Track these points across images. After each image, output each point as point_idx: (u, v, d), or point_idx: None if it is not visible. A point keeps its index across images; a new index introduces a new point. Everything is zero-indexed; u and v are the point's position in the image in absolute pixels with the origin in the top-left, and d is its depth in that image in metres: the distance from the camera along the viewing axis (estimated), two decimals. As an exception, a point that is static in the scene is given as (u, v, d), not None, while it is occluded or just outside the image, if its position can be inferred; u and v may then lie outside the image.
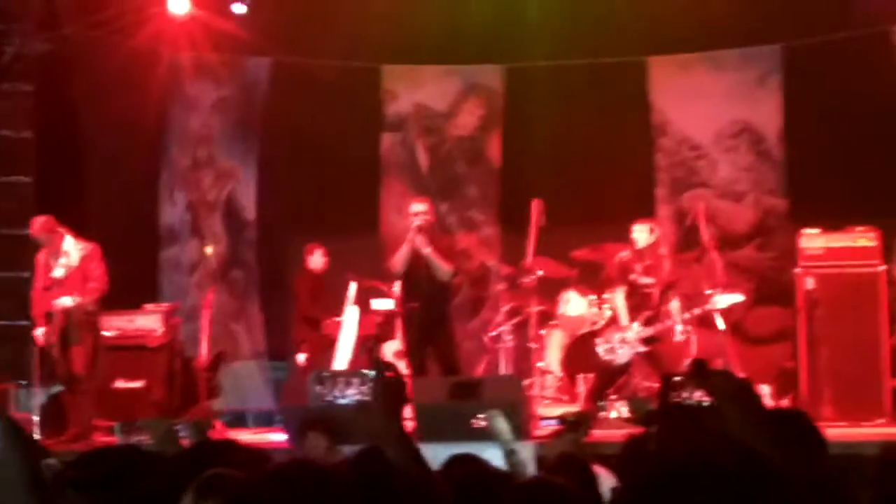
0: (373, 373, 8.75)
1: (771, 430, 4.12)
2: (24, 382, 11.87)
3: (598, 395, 11.23)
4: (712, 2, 12.70)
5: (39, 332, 10.97)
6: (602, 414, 11.07)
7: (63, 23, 13.15)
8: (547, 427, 9.98)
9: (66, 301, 10.79)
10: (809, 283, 11.49)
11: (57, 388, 11.23)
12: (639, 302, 11.24)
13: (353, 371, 10.25)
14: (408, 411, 9.59)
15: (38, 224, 11.01)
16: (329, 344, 12.35)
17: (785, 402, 11.50)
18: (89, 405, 10.97)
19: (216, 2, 13.24)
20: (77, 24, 13.20)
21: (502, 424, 6.13)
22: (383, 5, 13.36)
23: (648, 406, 9.09)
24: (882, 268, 11.28)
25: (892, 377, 11.26)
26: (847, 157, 13.02)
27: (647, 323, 11.11)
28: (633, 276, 11.29)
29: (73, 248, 10.94)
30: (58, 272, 10.90)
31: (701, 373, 4.45)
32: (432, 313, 10.95)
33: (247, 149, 14.52)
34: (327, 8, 13.53)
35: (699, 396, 5.01)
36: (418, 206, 11.15)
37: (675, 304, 11.15)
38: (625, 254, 11.46)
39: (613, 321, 11.46)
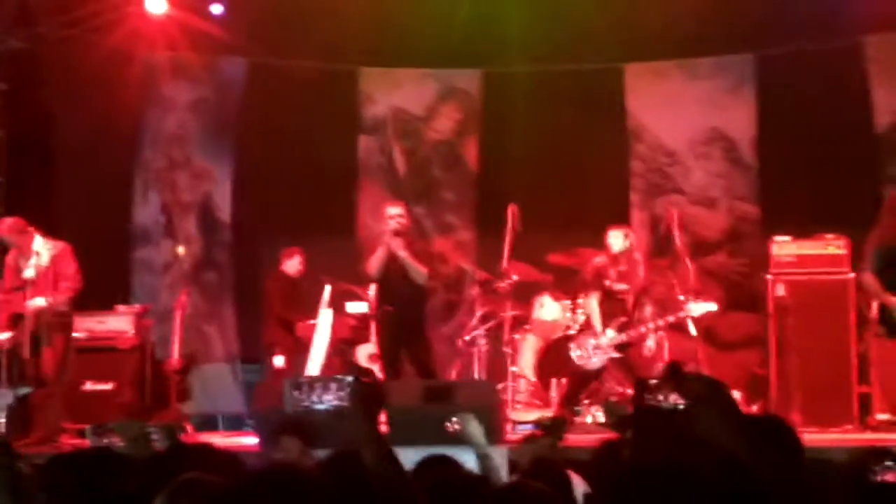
0: (350, 378, 8.76)
1: (747, 435, 4.14)
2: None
3: (571, 399, 11.27)
4: (687, 11, 12.75)
5: (3, 336, 10.81)
6: (577, 419, 11.12)
7: (38, 21, 13.10)
8: (521, 431, 10.01)
9: (39, 301, 10.69)
10: (780, 290, 11.58)
11: (25, 390, 11.08)
12: (613, 307, 11.28)
13: (330, 376, 10.23)
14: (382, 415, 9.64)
15: (7, 225, 10.88)
16: (301, 347, 12.34)
17: (755, 408, 11.57)
18: (58, 407, 10.86)
19: (193, 2, 13.22)
20: (52, 23, 13.15)
21: (475, 428, 6.16)
22: (361, 7, 13.35)
23: (624, 410, 9.11)
24: (851, 275, 11.37)
25: (860, 384, 11.36)
26: (818, 166, 13.13)
27: (621, 329, 11.16)
28: (607, 282, 11.34)
29: (43, 248, 10.79)
30: (28, 273, 10.71)
31: (676, 376, 4.48)
32: (407, 317, 10.98)
33: (223, 150, 14.48)
34: (305, 9, 13.50)
35: (674, 400, 5.04)
36: (393, 210, 11.18)
37: (648, 311, 11.21)
38: (599, 259, 11.50)
39: (587, 326, 11.50)
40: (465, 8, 13.41)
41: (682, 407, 4.84)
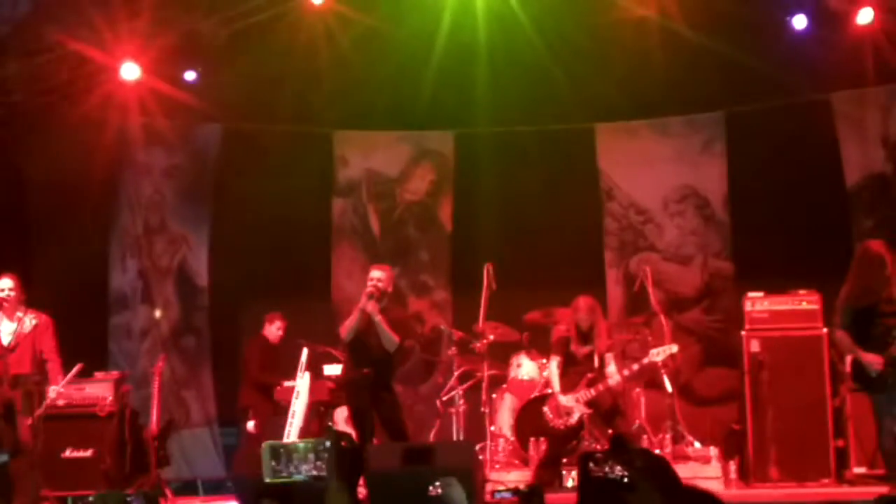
0: (327, 443, 8.78)
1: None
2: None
3: (550, 462, 11.27)
4: (657, 70, 12.90)
5: None
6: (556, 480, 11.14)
7: (11, 89, 13.15)
8: (500, 499, 10.02)
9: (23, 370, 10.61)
10: (755, 346, 11.66)
11: (3, 458, 11.01)
12: (579, 368, 11.34)
13: (307, 442, 10.24)
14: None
15: (14, 283, 10.81)
16: (277, 410, 12.34)
17: (733, 464, 11.60)
18: (37, 475, 10.78)
19: (167, 69, 13.30)
20: (26, 90, 13.21)
21: (458, 492, 6.19)
22: (333, 72, 13.45)
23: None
24: (825, 330, 11.46)
25: (836, 438, 11.42)
26: (790, 221, 13.28)
27: (590, 385, 11.23)
28: (571, 348, 11.40)
29: (26, 318, 10.79)
30: (6, 339, 10.69)
31: (620, 448, 4.55)
32: (378, 378, 10.99)
33: (199, 215, 14.53)
34: (278, 75, 13.60)
35: (618, 472, 5.11)
36: (375, 273, 11.17)
37: (611, 368, 11.26)
38: (562, 327, 11.56)
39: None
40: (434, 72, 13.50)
41: (625, 479, 4.91)
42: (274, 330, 13.06)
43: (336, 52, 13.18)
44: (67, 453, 11.76)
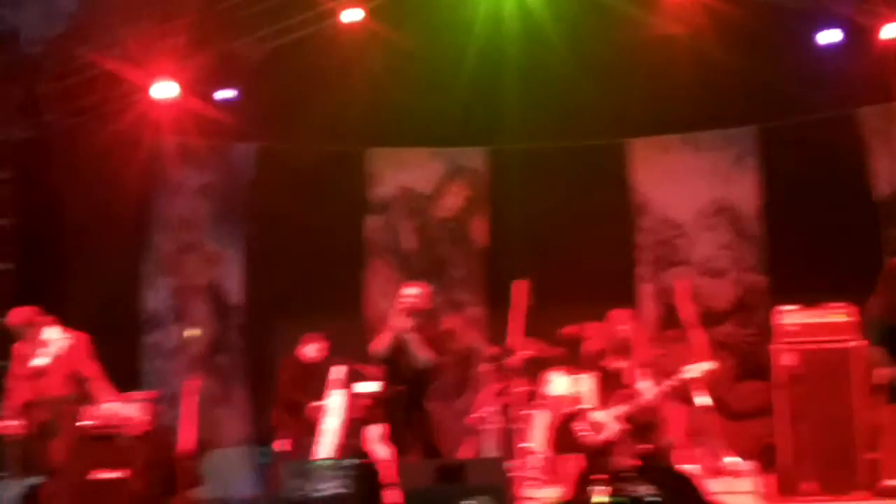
0: (350, 461, 8.78)
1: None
2: (3, 474, 11.72)
3: (584, 478, 11.19)
4: (689, 85, 12.89)
5: (12, 423, 10.71)
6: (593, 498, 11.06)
7: (44, 109, 13.25)
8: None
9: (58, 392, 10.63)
10: (787, 359, 11.57)
11: (35, 480, 10.97)
12: (614, 381, 11.27)
13: (329, 461, 10.23)
14: (393, 495, 9.65)
15: (16, 316, 10.89)
16: (308, 429, 12.33)
17: (767, 478, 11.52)
18: (68, 498, 10.78)
19: (200, 88, 13.37)
20: (59, 111, 13.30)
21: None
22: (366, 90, 13.49)
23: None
24: (858, 343, 11.37)
25: (870, 451, 11.32)
26: (823, 234, 13.21)
27: (624, 400, 11.15)
28: (604, 362, 11.33)
29: (56, 338, 10.83)
30: (39, 361, 10.73)
31: (648, 467, 4.53)
32: (411, 395, 10.96)
33: (232, 233, 14.60)
34: (311, 93, 13.66)
35: (646, 491, 5.09)
36: (408, 290, 11.12)
37: (644, 384, 11.17)
38: (596, 341, 11.50)
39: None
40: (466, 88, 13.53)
41: (654, 499, 4.89)
42: (311, 350, 12.97)
43: (369, 70, 13.24)
44: (98, 475, 11.75)
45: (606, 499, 8.61)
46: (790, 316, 11.71)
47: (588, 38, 13.29)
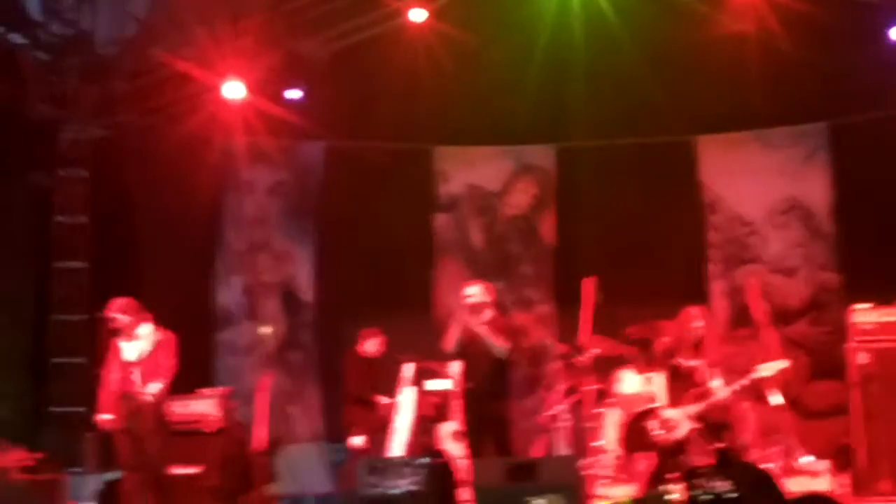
0: (424, 460, 8.79)
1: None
2: (77, 470, 11.82)
3: (658, 476, 11.14)
4: (758, 82, 12.82)
5: (105, 417, 10.63)
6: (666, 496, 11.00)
7: (118, 109, 13.41)
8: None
9: (153, 388, 10.66)
10: (862, 358, 11.48)
11: (113, 475, 11.03)
12: (684, 382, 11.18)
13: (404, 459, 10.24)
14: (465, 493, 9.65)
15: (120, 304, 10.87)
16: (381, 426, 12.36)
17: (844, 477, 11.43)
18: (149, 493, 10.80)
19: (270, 88, 13.45)
20: (132, 111, 13.44)
21: (559, 506, 6.17)
22: (434, 88, 13.52)
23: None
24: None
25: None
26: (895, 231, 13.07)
27: (697, 398, 11.07)
28: (676, 360, 11.23)
29: (149, 334, 10.84)
30: (130, 355, 10.73)
31: (724, 463, 4.50)
32: (487, 393, 10.90)
33: (303, 231, 14.69)
34: (379, 91, 13.73)
35: (724, 488, 5.05)
36: (469, 289, 11.07)
37: (716, 382, 11.08)
38: (668, 339, 11.42)
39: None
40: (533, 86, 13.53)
41: (732, 495, 4.85)
42: (371, 346, 12.96)
43: (436, 68, 13.26)
44: (174, 470, 11.82)
45: (680, 496, 8.57)
46: (865, 314, 11.64)
47: (655, 34, 13.26)
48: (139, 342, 10.78)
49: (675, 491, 10.82)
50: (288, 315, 14.57)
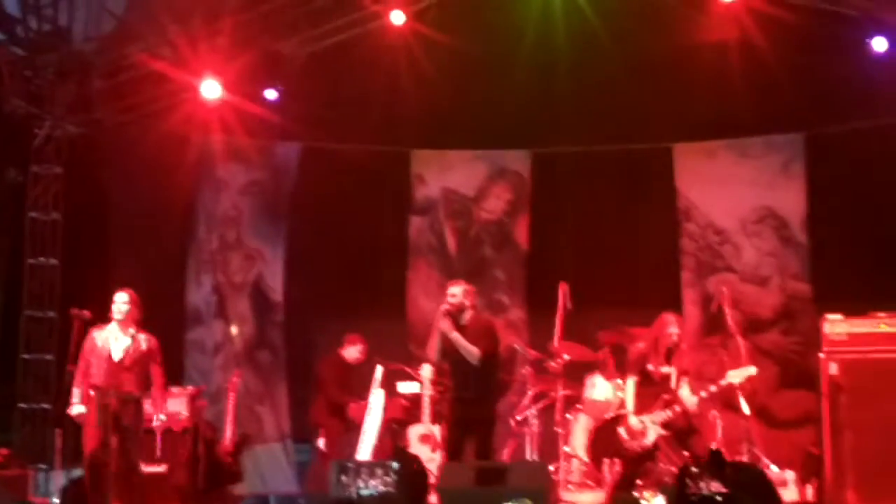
0: (396, 463, 8.77)
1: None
2: (44, 466, 11.78)
3: (626, 483, 11.14)
4: (736, 91, 12.84)
5: (79, 410, 10.49)
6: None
7: (94, 107, 13.38)
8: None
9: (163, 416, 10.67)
10: (833, 369, 11.48)
11: (78, 472, 10.90)
12: (654, 389, 11.18)
13: (376, 461, 10.21)
14: (433, 498, 9.64)
15: (128, 295, 10.74)
16: (349, 428, 12.35)
17: (810, 487, 11.45)
18: (114, 490, 10.72)
19: (247, 88, 13.43)
20: (108, 109, 13.42)
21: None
22: (412, 91, 13.51)
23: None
24: (905, 354, 11.29)
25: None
26: (870, 243, 13.12)
27: (665, 406, 11.07)
28: (649, 366, 11.23)
29: (135, 335, 10.67)
30: (116, 354, 10.56)
31: (718, 463, 4.50)
32: (472, 395, 10.82)
33: (275, 231, 14.66)
34: (357, 94, 13.69)
35: (716, 488, 5.03)
36: (452, 289, 10.99)
37: (685, 390, 11.09)
38: (641, 345, 11.41)
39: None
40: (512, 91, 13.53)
41: (724, 495, 4.84)
42: (354, 352, 12.91)
43: (415, 71, 13.26)
44: (141, 468, 11.77)
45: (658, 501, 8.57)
46: (836, 325, 11.63)
47: (636, 42, 13.26)
48: (125, 340, 10.63)
49: (649, 497, 10.85)
50: (257, 315, 14.54)
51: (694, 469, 5.31)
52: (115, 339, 10.61)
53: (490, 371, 10.97)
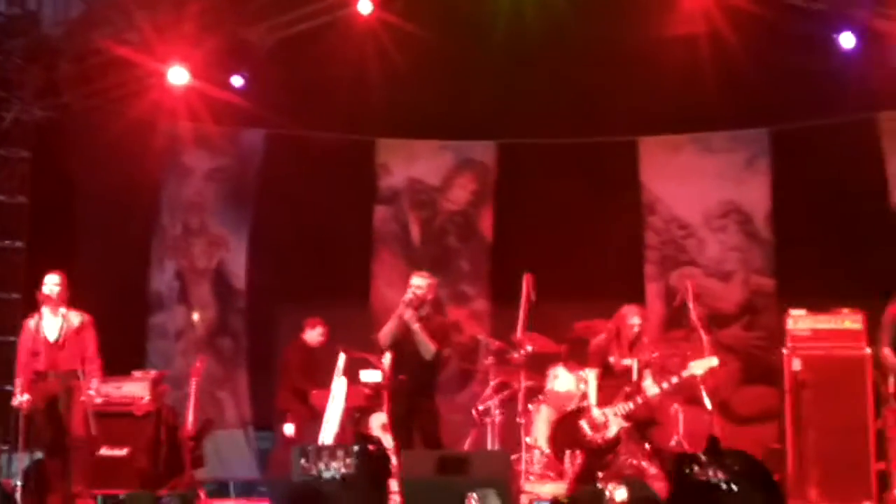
0: (356, 447, 8.77)
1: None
2: (5, 448, 11.75)
3: (587, 475, 11.16)
4: (702, 85, 12.86)
5: (24, 398, 10.64)
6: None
7: (62, 91, 13.28)
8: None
9: (95, 384, 10.71)
10: (796, 365, 11.52)
11: (39, 455, 10.99)
12: (617, 381, 11.21)
13: (337, 445, 10.22)
14: (394, 485, 9.63)
15: (56, 277, 10.89)
16: (314, 415, 12.35)
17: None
18: (72, 473, 10.77)
19: (214, 74, 13.36)
20: (76, 93, 13.33)
21: (494, 502, 6.17)
22: (379, 80, 13.47)
23: (650, 491, 8.99)
24: (868, 350, 11.34)
25: (878, 460, 11.27)
26: (834, 239, 13.18)
27: (627, 398, 11.10)
28: (611, 359, 11.26)
29: (68, 314, 10.85)
30: (52, 335, 10.75)
31: (716, 451, 4.49)
32: (416, 386, 10.91)
33: (239, 218, 14.62)
34: (323, 82, 13.64)
35: (714, 475, 5.04)
36: (416, 280, 11.02)
37: (647, 382, 11.12)
38: (601, 337, 11.43)
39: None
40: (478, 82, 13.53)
41: (722, 482, 4.83)
42: (315, 335, 13.03)
43: (382, 60, 13.22)
44: (102, 451, 11.76)
45: (618, 494, 8.58)
46: (800, 321, 11.67)
47: (603, 35, 13.25)
48: (58, 321, 10.73)
49: (613, 489, 10.87)
50: (219, 301, 14.52)
51: (696, 457, 5.31)
52: (48, 321, 10.76)
53: (435, 370, 11.12)
